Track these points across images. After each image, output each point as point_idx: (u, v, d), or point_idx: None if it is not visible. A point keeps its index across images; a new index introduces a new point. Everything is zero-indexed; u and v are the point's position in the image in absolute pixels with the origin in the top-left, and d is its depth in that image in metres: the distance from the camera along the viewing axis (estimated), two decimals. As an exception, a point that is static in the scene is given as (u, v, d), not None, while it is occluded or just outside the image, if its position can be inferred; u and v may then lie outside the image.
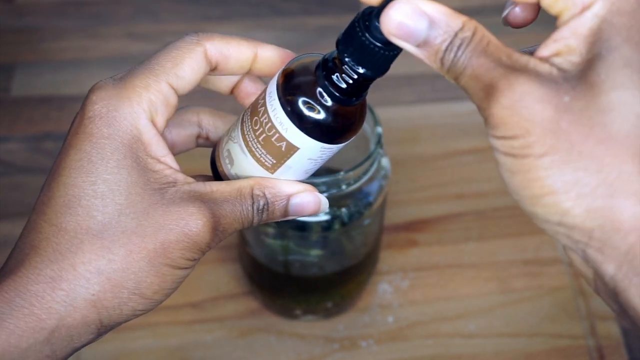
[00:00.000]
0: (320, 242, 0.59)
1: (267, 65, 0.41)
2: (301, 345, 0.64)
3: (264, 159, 0.38)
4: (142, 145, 0.37)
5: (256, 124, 0.38)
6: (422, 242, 0.71)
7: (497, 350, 0.64)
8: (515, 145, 0.31)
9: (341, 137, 0.37)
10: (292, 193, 0.39)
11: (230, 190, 0.38)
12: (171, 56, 0.39)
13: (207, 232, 0.36)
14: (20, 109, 0.82)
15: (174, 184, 0.37)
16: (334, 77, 0.36)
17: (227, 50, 0.40)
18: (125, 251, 0.35)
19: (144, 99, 0.37)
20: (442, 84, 0.87)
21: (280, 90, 0.37)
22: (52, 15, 0.92)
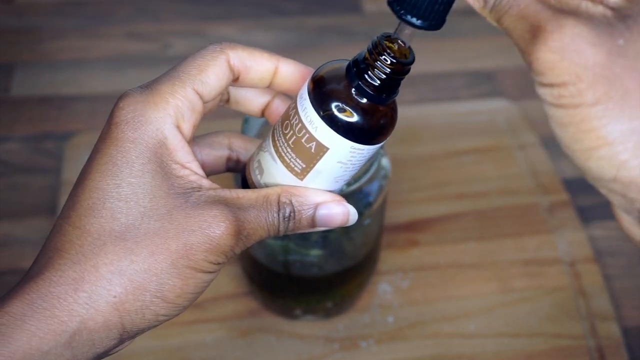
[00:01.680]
0: (320, 242, 0.59)
1: (287, 80, 0.41)
2: (301, 345, 0.64)
3: (293, 163, 0.38)
4: (167, 150, 0.37)
5: (287, 128, 0.38)
6: (422, 242, 0.71)
7: (497, 350, 0.64)
8: (565, 93, 0.29)
9: (372, 137, 0.37)
10: (319, 202, 0.39)
11: (257, 196, 0.38)
12: (196, 64, 0.39)
13: (230, 236, 0.36)
14: (20, 109, 0.82)
15: (199, 189, 0.37)
16: (366, 75, 0.36)
17: (249, 61, 0.40)
18: (147, 252, 0.35)
19: (171, 105, 0.37)
20: (442, 84, 0.87)
21: (312, 91, 0.37)
22: (52, 15, 0.92)
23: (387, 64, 0.36)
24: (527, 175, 0.77)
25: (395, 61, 0.36)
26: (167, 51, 0.89)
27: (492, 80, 0.88)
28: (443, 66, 0.89)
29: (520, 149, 0.79)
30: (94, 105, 0.82)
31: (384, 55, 0.36)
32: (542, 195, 0.75)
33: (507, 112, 0.83)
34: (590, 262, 0.70)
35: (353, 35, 0.92)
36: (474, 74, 0.88)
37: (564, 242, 0.71)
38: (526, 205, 0.75)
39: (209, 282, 0.37)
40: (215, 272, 0.37)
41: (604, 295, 0.67)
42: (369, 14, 0.95)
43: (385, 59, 0.36)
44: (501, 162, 0.78)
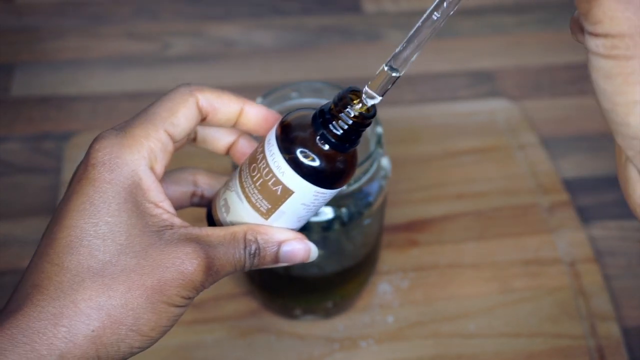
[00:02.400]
0: (320, 242, 0.59)
1: (251, 121, 0.44)
2: (301, 345, 0.64)
3: (259, 204, 0.41)
4: (141, 190, 0.39)
5: (254, 171, 0.40)
6: (422, 242, 0.71)
7: (497, 350, 0.64)
8: (620, 44, 0.29)
9: (334, 182, 0.40)
10: (283, 240, 0.41)
11: (225, 234, 0.40)
12: (167, 106, 0.41)
13: (201, 272, 0.38)
14: (20, 108, 0.82)
15: (171, 227, 0.39)
16: (330, 125, 0.39)
17: (217, 103, 0.43)
18: (124, 288, 0.37)
19: (145, 147, 0.39)
20: (441, 84, 0.87)
21: (279, 137, 0.40)
22: (52, 15, 0.92)
23: (351, 116, 0.39)
24: (527, 175, 0.77)
25: (357, 114, 0.39)
26: (167, 51, 0.89)
27: (492, 80, 0.88)
28: (443, 66, 0.89)
29: (520, 149, 0.79)
30: (93, 105, 0.82)
31: (347, 108, 0.39)
32: (542, 195, 0.75)
33: (507, 112, 0.83)
34: (590, 262, 0.70)
35: (353, 35, 0.92)
36: (473, 74, 0.88)
37: (564, 242, 0.71)
38: (526, 205, 0.75)
39: (180, 316, 0.39)
40: (186, 306, 0.39)
41: (604, 295, 0.67)
42: (369, 14, 0.95)
43: (349, 112, 0.39)
44: (501, 162, 0.78)
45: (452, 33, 0.94)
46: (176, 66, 0.87)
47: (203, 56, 0.88)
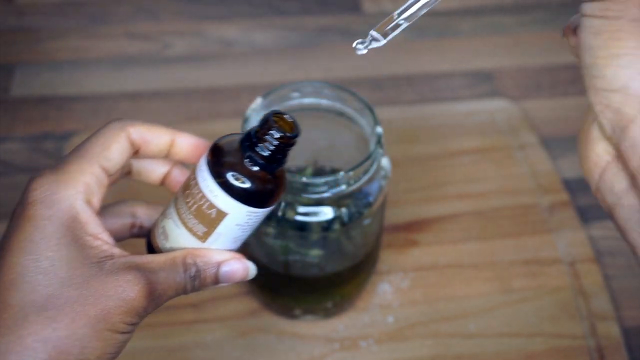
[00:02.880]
0: (320, 242, 0.59)
1: (183, 150, 0.46)
2: (301, 345, 0.64)
3: (196, 228, 0.42)
4: (80, 224, 0.40)
5: (188, 197, 0.42)
6: (422, 242, 0.71)
7: (497, 350, 0.64)
8: (613, 7, 0.33)
9: (264, 201, 0.42)
10: (221, 261, 0.43)
11: (165, 259, 0.41)
12: (100, 142, 0.43)
13: (143, 298, 0.40)
14: (20, 109, 0.82)
15: (111, 257, 0.40)
16: (257, 147, 0.41)
17: (148, 136, 0.45)
18: (69, 319, 0.38)
19: (80, 183, 0.41)
20: (441, 84, 0.87)
21: (210, 162, 0.42)
22: (52, 15, 0.92)
23: (275, 137, 0.41)
24: (527, 175, 0.77)
25: (281, 135, 0.41)
26: (167, 51, 0.89)
27: (491, 80, 0.88)
28: (443, 66, 0.89)
29: (520, 149, 0.79)
30: (93, 105, 0.82)
31: (272, 130, 0.41)
32: (542, 195, 0.75)
33: (506, 112, 0.83)
34: (590, 262, 0.70)
35: (353, 35, 0.92)
36: (473, 74, 0.88)
37: (564, 242, 0.71)
38: (526, 205, 0.75)
39: (127, 341, 0.40)
40: (131, 333, 0.40)
41: (603, 295, 0.67)
42: (368, 14, 0.95)
43: (273, 134, 0.41)
44: (501, 162, 0.78)
45: (452, 33, 0.94)
46: (176, 66, 0.87)
47: (203, 56, 0.88)
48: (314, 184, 0.54)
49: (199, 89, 0.84)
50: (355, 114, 0.59)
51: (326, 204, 0.56)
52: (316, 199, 0.55)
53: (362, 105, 0.58)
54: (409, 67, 0.88)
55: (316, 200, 0.56)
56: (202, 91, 0.84)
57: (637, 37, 0.32)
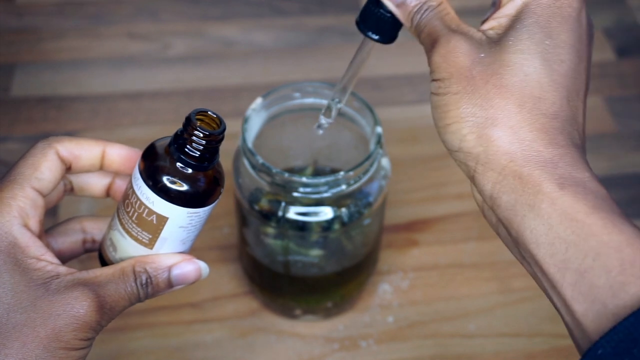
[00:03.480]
0: (320, 242, 0.59)
1: (115, 161, 0.45)
2: (301, 345, 0.64)
3: (140, 236, 0.42)
4: (19, 248, 0.40)
5: (128, 206, 0.42)
6: (422, 242, 0.71)
7: (497, 350, 0.64)
8: (442, 85, 0.40)
9: (203, 201, 0.42)
10: (171, 264, 0.43)
11: (113, 271, 0.41)
12: (29, 163, 0.43)
13: (94, 312, 0.39)
14: (20, 109, 0.82)
15: (57, 276, 0.40)
16: (186, 148, 0.41)
17: (77, 150, 0.44)
18: (19, 343, 0.38)
19: (14, 208, 0.41)
20: (442, 84, 0.87)
21: (142, 169, 0.41)
22: (52, 15, 0.92)
23: (201, 136, 0.40)
24: (527, 175, 0.77)
25: (207, 133, 0.40)
26: (167, 51, 0.89)
27: (492, 80, 0.88)
28: (443, 66, 0.89)
29: (520, 149, 0.79)
30: (93, 105, 0.82)
31: (197, 130, 0.40)
32: (542, 195, 0.75)
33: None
34: (590, 262, 0.70)
35: (353, 35, 0.92)
36: (473, 74, 0.88)
37: (564, 242, 0.71)
38: (526, 205, 0.74)
39: (84, 356, 0.40)
40: (88, 348, 0.40)
41: (603, 295, 0.67)
42: (368, 14, 0.95)
43: (199, 133, 0.40)
44: (501, 162, 0.78)
45: (452, 33, 0.93)
46: (176, 66, 0.87)
47: (203, 56, 0.88)
48: (314, 184, 0.54)
49: (199, 89, 0.84)
50: (355, 114, 0.59)
51: (326, 204, 0.56)
52: (316, 199, 0.56)
53: (362, 105, 0.58)
54: (409, 67, 0.88)
55: (316, 200, 0.56)
56: (202, 91, 0.84)
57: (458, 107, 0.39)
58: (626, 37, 0.92)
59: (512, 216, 0.37)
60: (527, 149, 0.37)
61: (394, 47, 0.45)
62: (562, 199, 0.36)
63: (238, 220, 0.62)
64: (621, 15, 0.94)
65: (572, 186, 0.36)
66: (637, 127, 0.83)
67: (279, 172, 0.54)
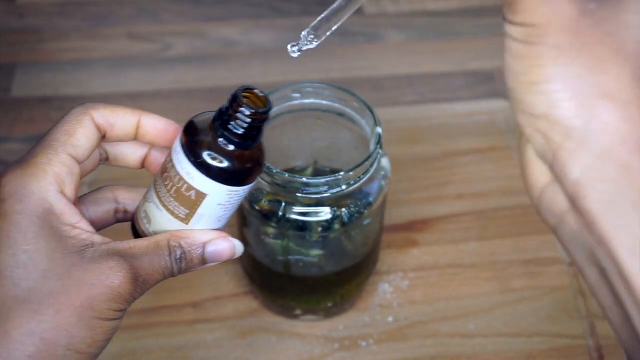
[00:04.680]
0: (320, 242, 0.59)
1: (150, 132, 0.45)
2: (301, 345, 0.64)
3: (177, 210, 0.42)
4: (55, 215, 0.40)
5: (166, 180, 0.42)
6: (422, 242, 0.71)
7: (497, 350, 0.64)
8: (533, 32, 0.33)
9: (243, 179, 0.41)
10: (206, 241, 0.42)
11: (148, 244, 0.41)
12: (64, 129, 0.42)
13: (128, 283, 0.39)
14: (20, 109, 0.82)
15: (92, 245, 0.40)
16: (229, 125, 0.40)
17: (113, 118, 0.44)
18: (53, 310, 0.38)
19: (49, 174, 0.40)
20: (441, 84, 0.87)
21: (184, 144, 0.41)
22: (53, 16, 0.92)
23: (246, 114, 0.40)
24: (527, 175, 0.77)
25: (253, 111, 0.40)
26: (168, 51, 0.89)
27: (491, 80, 0.88)
28: (443, 66, 0.89)
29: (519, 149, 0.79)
30: (94, 105, 0.82)
31: (242, 107, 0.40)
32: (541, 195, 0.75)
33: (506, 112, 0.83)
34: (589, 262, 0.70)
35: (353, 35, 0.92)
36: (473, 74, 0.89)
37: (564, 242, 0.71)
38: (526, 205, 0.74)
39: (116, 328, 0.40)
40: (120, 318, 0.40)
41: (603, 295, 0.67)
42: (369, 15, 0.95)
43: (244, 110, 0.40)
44: (501, 162, 0.78)
45: (452, 33, 0.94)
46: (177, 66, 0.87)
47: (203, 56, 0.89)
48: (314, 184, 0.54)
49: (200, 89, 0.85)
50: (355, 114, 0.59)
51: (326, 204, 0.56)
52: (316, 199, 0.56)
53: (362, 106, 0.58)
54: (409, 67, 0.88)
55: (316, 200, 0.56)
56: (202, 91, 0.84)
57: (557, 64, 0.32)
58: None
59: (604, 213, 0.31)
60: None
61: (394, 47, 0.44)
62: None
63: (238, 220, 0.62)
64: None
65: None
66: (636, 127, 0.83)
67: (279, 172, 0.54)
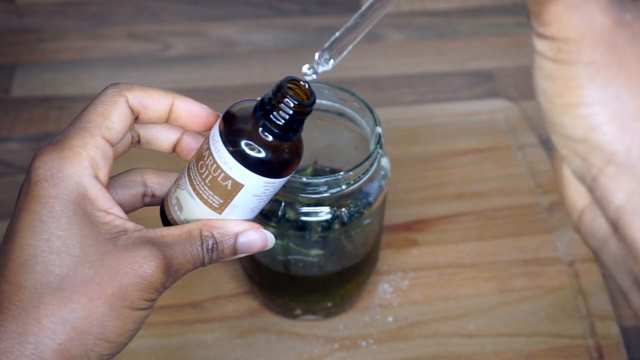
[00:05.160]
0: (320, 242, 0.59)
1: (182, 116, 0.43)
2: (301, 345, 0.64)
3: (211, 200, 0.41)
4: (89, 200, 0.39)
5: (202, 168, 0.41)
6: (422, 242, 0.71)
7: (497, 350, 0.64)
8: (565, 48, 0.30)
9: (282, 171, 0.40)
10: (239, 232, 0.41)
11: (180, 233, 0.40)
12: (99, 111, 0.41)
13: (160, 273, 0.38)
14: (20, 109, 0.82)
15: (125, 232, 0.39)
16: (271, 116, 0.39)
17: (147, 100, 0.42)
18: (85, 299, 0.37)
19: (85, 157, 0.39)
20: (441, 84, 0.87)
21: (223, 132, 0.40)
22: (53, 16, 0.93)
23: (290, 105, 0.39)
24: (527, 175, 0.77)
25: (297, 103, 0.39)
26: (168, 51, 0.89)
27: (491, 80, 0.88)
28: (443, 66, 0.89)
29: (519, 149, 0.79)
30: (94, 105, 0.82)
31: (287, 98, 0.39)
32: (541, 195, 0.75)
33: (506, 112, 0.83)
34: (589, 262, 0.70)
35: (353, 35, 0.92)
36: (473, 74, 0.89)
37: (564, 242, 0.71)
38: (526, 205, 0.75)
39: (146, 318, 0.40)
40: (150, 308, 0.39)
41: (603, 295, 0.67)
42: (369, 14, 0.95)
43: (288, 102, 0.39)
44: (501, 162, 0.78)
45: (452, 33, 0.94)
46: (176, 66, 0.87)
47: (203, 56, 0.89)
48: (314, 184, 0.54)
49: (199, 89, 0.85)
50: (355, 114, 0.59)
51: (326, 204, 0.56)
52: (316, 199, 0.56)
53: (362, 106, 0.58)
54: (409, 67, 0.88)
55: (316, 200, 0.56)
56: (202, 91, 0.84)
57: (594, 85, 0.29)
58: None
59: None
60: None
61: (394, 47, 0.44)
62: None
63: (238, 220, 0.62)
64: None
65: None
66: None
67: (279, 172, 0.54)
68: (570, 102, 0.30)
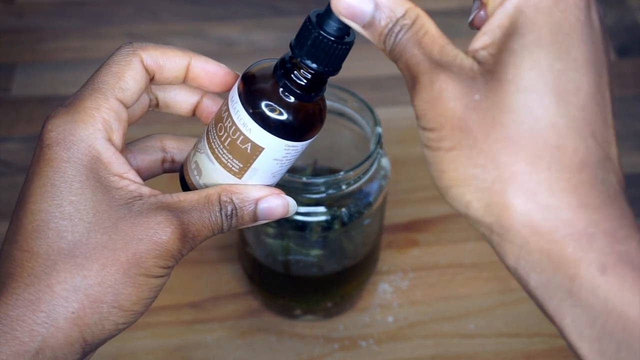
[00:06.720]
0: (320, 242, 0.59)
1: (200, 76, 0.41)
2: (301, 345, 0.64)
3: (230, 164, 0.39)
4: (102, 164, 0.37)
5: (221, 130, 0.39)
6: (422, 242, 0.71)
7: (497, 350, 0.64)
8: (431, 137, 0.33)
9: (303, 134, 0.39)
10: (259, 197, 0.40)
11: (198, 198, 0.38)
12: (113, 71, 0.39)
13: (176, 240, 0.37)
14: (20, 109, 0.82)
15: (140, 197, 0.37)
16: (292, 75, 0.37)
17: (162, 60, 0.41)
18: (99, 265, 0.36)
19: (98, 120, 0.38)
20: (442, 84, 0.87)
21: (242, 93, 0.38)
22: (52, 16, 0.92)
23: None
24: (527, 175, 0.77)
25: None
26: (168, 51, 0.89)
27: (492, 80, 0.88)
28: (443, 66, 0.89)
29: (520, 149, 0.79)
30: (94, 105, 0.82)
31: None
32: (542, 195, 0.75)
33: (507, 112, 0.83)
34: (590, 262, 0.70)
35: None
36: (474, 74, 0.88)
37: (564, 242, 0.71)
38: (526, 205, 0.74)
39: (162, 286, 0.38)
40: (167, 276, 0.38)
41: (603, 295, 0.67)
42: (369, 14, 0.95)
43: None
44: (501, 162, 0.78)
45: (452, 33, 0.93)
46: (176, 66, 0.87)
47: (203, 56, 0.89)
48: (314, 184, 0.54)
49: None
50: (355, 114, 0.59)
51: (326, 204, 0.56)
52: (316, 199, 0.56)
53: (362, 105, 0.58)
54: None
55: (316, 200, 0.56)
56: (202, 91, 0.84)
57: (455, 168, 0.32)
58: (626, 37, 0.92)
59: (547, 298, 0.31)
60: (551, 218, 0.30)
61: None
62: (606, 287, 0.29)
63: (238, 220, 0.62)
64: (621, 15, 0.94)
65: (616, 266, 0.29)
66: (637, 127, 0.83)
67: (278, 172, 0.54)
68: (445, 185, 0.33)
